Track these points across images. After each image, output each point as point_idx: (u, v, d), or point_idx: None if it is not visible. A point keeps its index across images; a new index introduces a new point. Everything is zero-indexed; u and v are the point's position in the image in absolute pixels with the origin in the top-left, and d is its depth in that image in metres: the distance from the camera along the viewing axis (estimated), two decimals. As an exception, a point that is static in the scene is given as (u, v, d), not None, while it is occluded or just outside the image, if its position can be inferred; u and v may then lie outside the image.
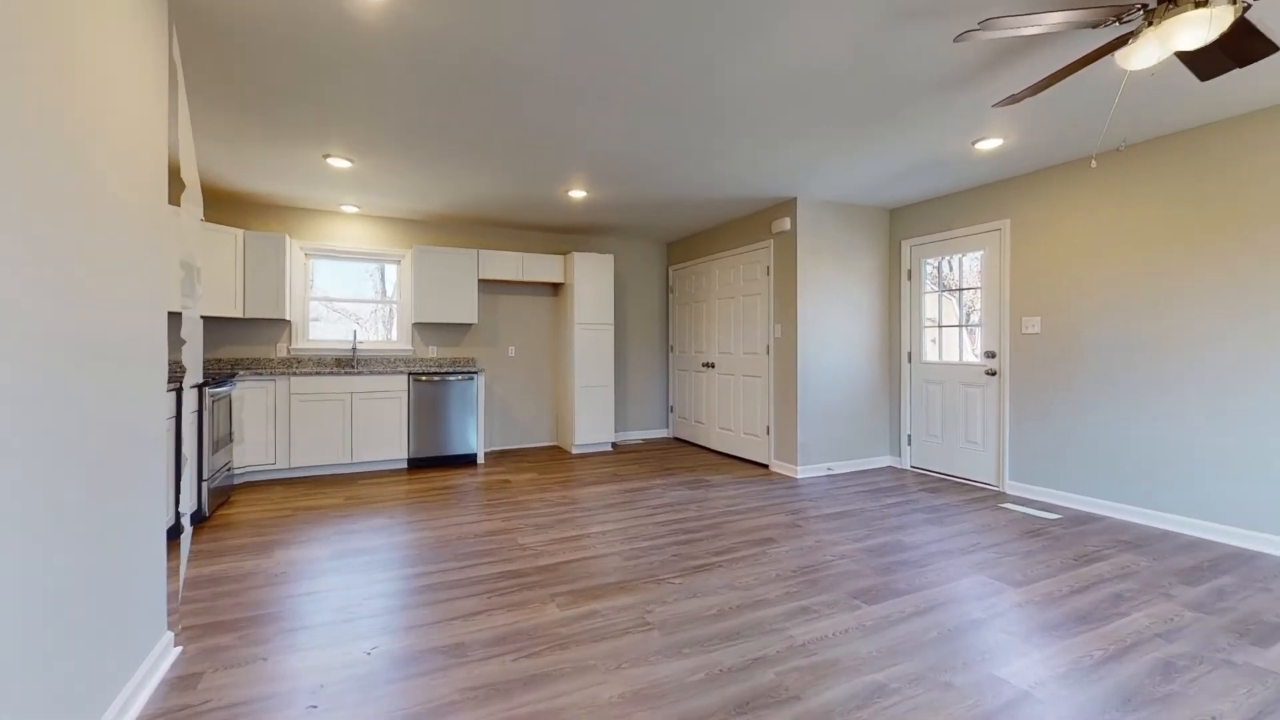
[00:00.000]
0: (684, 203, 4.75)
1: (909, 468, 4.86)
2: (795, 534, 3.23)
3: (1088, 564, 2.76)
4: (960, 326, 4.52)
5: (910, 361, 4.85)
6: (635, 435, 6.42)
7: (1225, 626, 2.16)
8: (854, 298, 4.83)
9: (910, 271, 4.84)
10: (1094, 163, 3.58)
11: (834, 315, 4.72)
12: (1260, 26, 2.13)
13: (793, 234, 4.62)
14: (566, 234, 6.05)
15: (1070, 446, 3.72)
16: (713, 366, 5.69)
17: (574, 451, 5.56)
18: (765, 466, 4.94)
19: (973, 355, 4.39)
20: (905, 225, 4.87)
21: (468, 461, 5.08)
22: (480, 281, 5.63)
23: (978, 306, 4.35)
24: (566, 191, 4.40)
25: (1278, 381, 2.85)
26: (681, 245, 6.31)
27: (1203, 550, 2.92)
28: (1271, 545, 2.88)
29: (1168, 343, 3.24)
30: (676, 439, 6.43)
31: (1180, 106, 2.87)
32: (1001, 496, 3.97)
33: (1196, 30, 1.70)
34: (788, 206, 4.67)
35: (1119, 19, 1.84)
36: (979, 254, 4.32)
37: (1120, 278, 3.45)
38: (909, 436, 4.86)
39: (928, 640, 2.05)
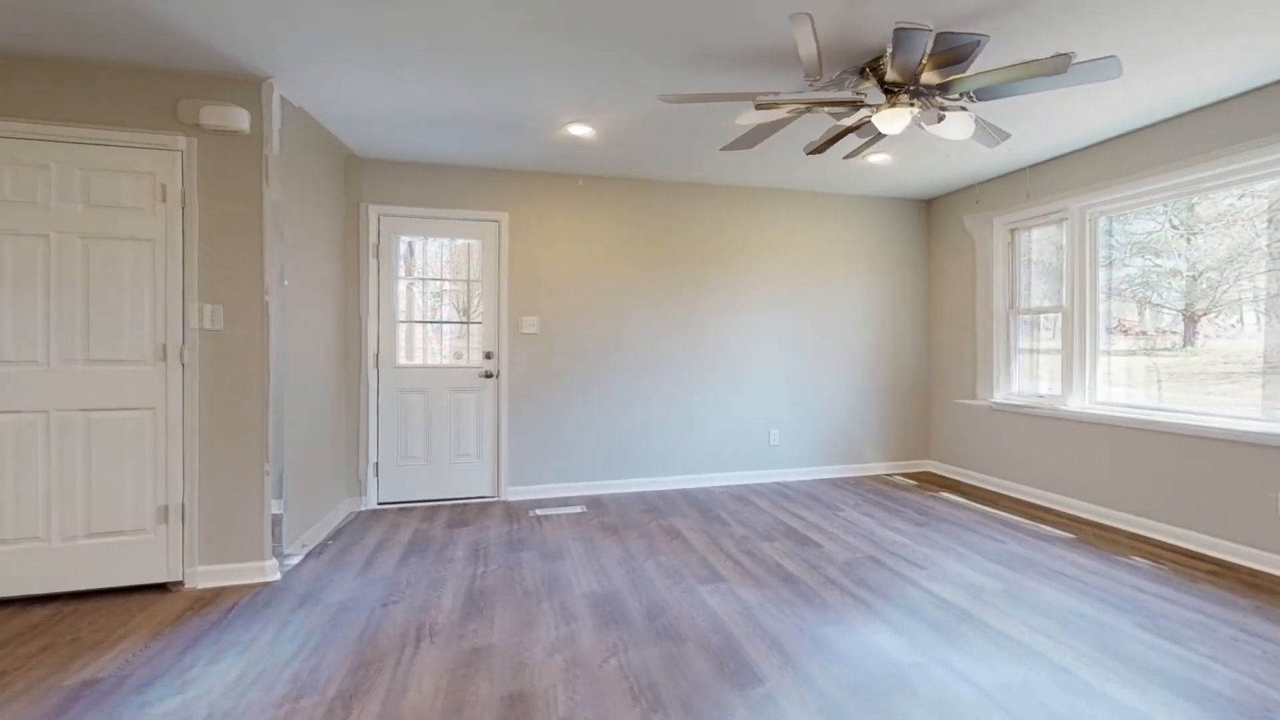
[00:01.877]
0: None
1: (376, 506, 3.70)
2: None
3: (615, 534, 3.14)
4: (447, 323, 3.87)
5: (379, 366, 3.70)
6: None
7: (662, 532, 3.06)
8: (320, 273, 3.19)
9: (379, 248, 3.68)
10: (581, 182, 3.98)
11: (301, 295, 2.96)
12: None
13: (256, 143, 2.55)
14: None
15: (565, 441, 3.99)
16: (-60, 394, 2.26)
17: None
18: (169, 588, 2.48)
19: (457, 357, 3.87)
20: (376, 184, 3.65)
21: None
22: None
23: (472, 303, 3.88)
24: None
25: (696, 371, 4.20)
26: None
27: (676, 500, 3.90)
28: (711, 481, 4.20)
29: (633, 342, 4.08)
30: None
31: (631, 161, 3.69)
32: (490, 509, 3.75)
33: (900, 117, 2.37)
34: (245, 89, 2.53)
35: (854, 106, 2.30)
36: (473, 244, 3.85)
37: (599, 286, 4.02)
38: (376, 465, 3.70)
39: None
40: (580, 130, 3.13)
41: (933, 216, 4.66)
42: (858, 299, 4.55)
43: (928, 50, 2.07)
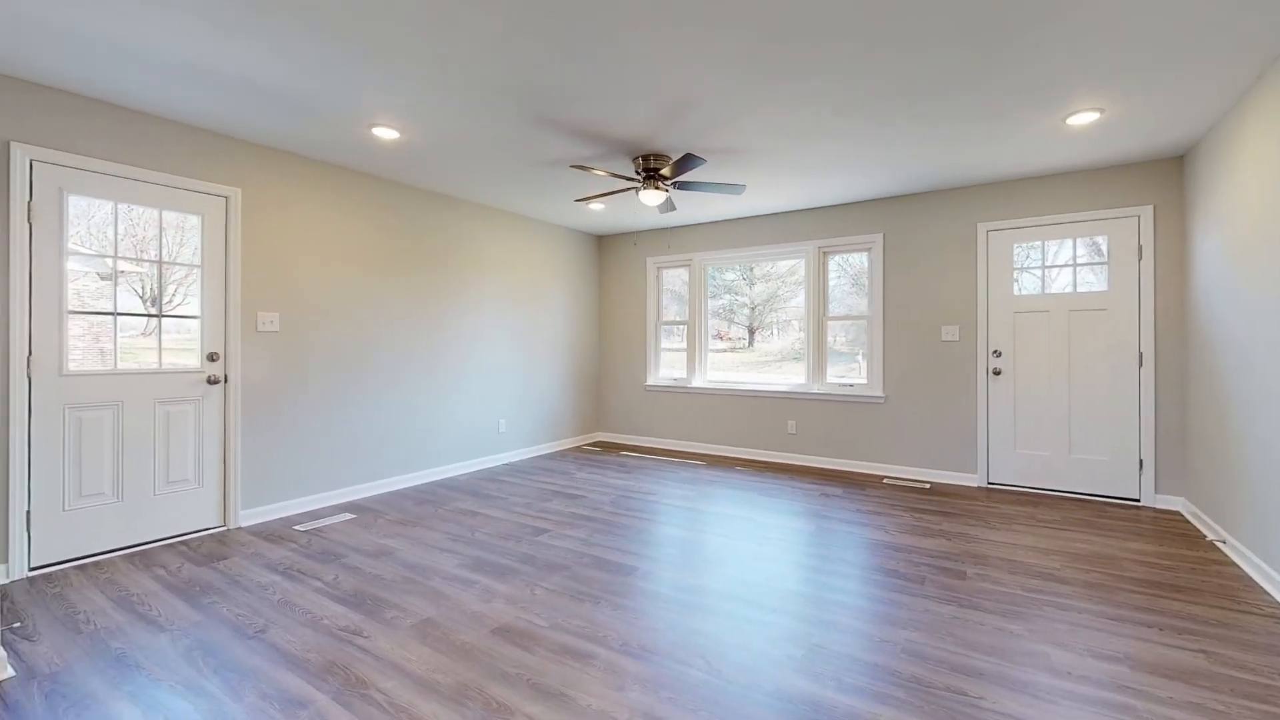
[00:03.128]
0: None
1: (28, 574, 2.61)
2: None
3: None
4: (164, 317, 2.96)
5: (33, 375, 2.59)
6: None
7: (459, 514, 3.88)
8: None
9: (33, 208, 2.57)
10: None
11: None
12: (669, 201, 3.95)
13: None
14: None
15: (317, 447, 3.65)
16: None
17: None
18: None
19: (173, 358, 3.05)
20: (38, 117, 2.53)
21: None
22: None
23: (176, 293, 3.09)
24: None
25: (439, 370, 4.43)
26: None
27: (439, 490, 4.11)
28: (455, 470, 4.41)
29: (382, 342, 4.04)
30: None
31: (398, 164, 3.91)
32: (230, 537, 3.26)
33: (657, 196, 3.59)
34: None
35: (638, 182, 3.43)
36: (189, 218, 3.09)
37: (349, 283, 3.84)
38: (27, 515, 2.60)
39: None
40: (386, 133, 3.16)
41: (603, 249, 6.22)
42: (558, 307, 5.67)
43: (675, 159, 3.35)
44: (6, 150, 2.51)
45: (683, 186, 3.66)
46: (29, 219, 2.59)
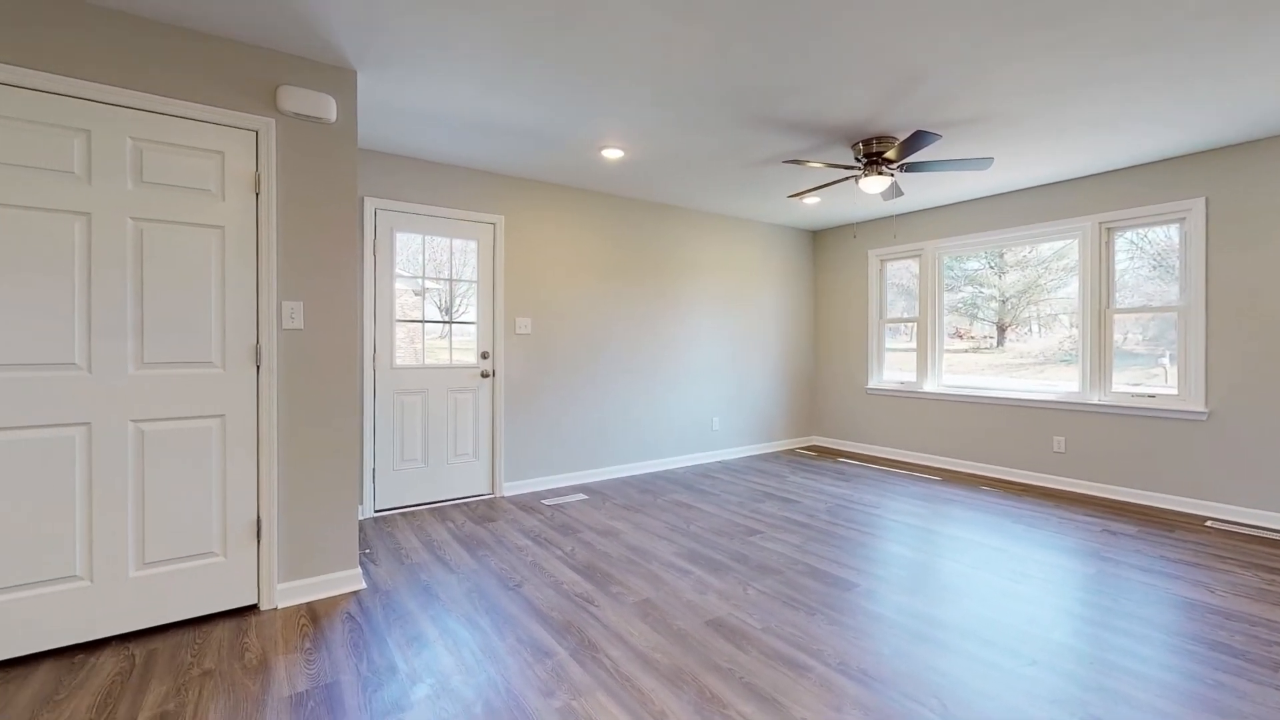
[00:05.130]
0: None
1: (373, 514, 3.53)
2: None
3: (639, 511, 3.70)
4: (452, 323, 3.80)
5: (376, 368, 3.52)
6: None
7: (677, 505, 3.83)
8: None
9: (376, 244, 3.50)
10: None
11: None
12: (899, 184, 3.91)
13: (343, 133, 2.43)
14: None
15: (558, 434, 4.23)
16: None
17: None
18: (247, 610, 2.26)
19: (459, 356, 3.85)
20: (376, 177, 3.46)
21: None
22: None
23: (461, 304, 3.88)
24: None
25: (660, 367, 4.76)
26: None
27: (657, 481, 4.42)
28: (672, 463, 4.74)
29: (611, 343, 4.49)
30: None
31: (624, 180, 4.20)
32: (496, 503, 3.90)
33: (880, 182, 3.30)
34: (333, 78, 2.39)
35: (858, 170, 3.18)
36: (470, 244, 3.86)
37: (583, 291, 4.35)
38: (373, 471, 3.53)
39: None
40: (613, 153, 3.51)
41: (819, 244, 5.94)
42: (772, 306, 5.59)
43: (902, 139, 3.01)
44: (363, 204, 3.44)
45: (912, 169, 3.29)
46: (374, 253, 3.50)
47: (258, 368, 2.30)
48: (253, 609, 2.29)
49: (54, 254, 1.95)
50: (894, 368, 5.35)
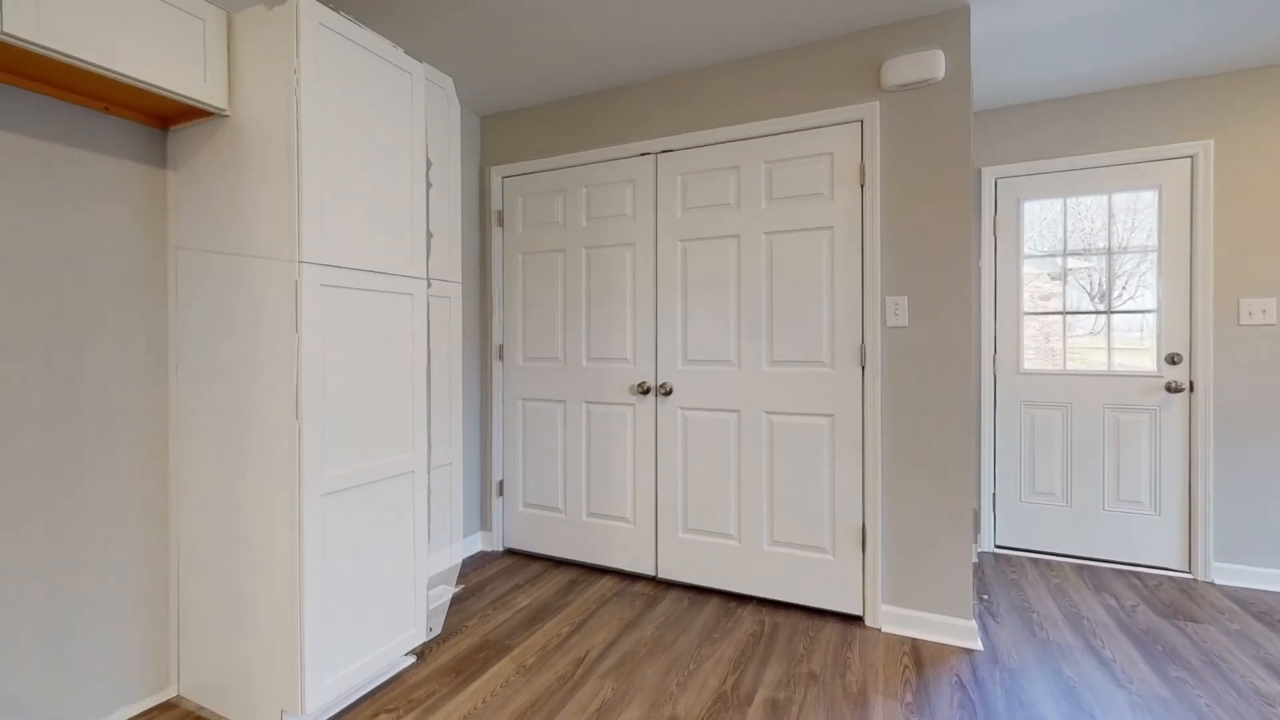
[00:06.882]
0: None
1: (993, 549, 2.90)
2: None
3: None
4: (1100, 313, 2.80)
5: (996, 372, 2.92)
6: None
7: None
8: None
9: (997, 221, 2.93)
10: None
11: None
12: None
13: (956, 89, 2.06)
14: None
15: (1348, 500, 2.38)
16: (668, 393, 2.53)
17: None
18: (852, 619, 2.18)
19: (1122, 359, 2.74)
20: (994, 141, 2.90)
21: None
22: None
23: (1128, 285, 2.73)
24: None
25: None
26: (526, 121, 2.85)
27: None
28: None
29: None
30: (513, 552, 2.87)
31: None
32: (1197, 591, 2.37)
33: None
34: (937, 25, 2.08)
35: None
36: (1142, 195, 2.71)
37: None
38: (994, 497, 2.91)
39: None
40: None
41: None
42: None
43: None
44: (979, 177, 2.91)
45: None
46: (994, 232, 2.90)
47: (862, 368, 2.18)
48: (858, 620, 2.18)
49: (720, 272, 2.43)
50: None
